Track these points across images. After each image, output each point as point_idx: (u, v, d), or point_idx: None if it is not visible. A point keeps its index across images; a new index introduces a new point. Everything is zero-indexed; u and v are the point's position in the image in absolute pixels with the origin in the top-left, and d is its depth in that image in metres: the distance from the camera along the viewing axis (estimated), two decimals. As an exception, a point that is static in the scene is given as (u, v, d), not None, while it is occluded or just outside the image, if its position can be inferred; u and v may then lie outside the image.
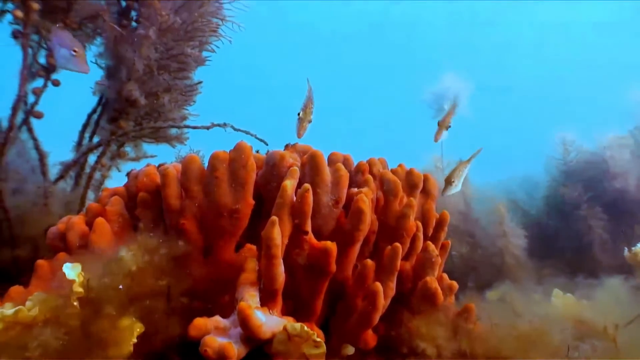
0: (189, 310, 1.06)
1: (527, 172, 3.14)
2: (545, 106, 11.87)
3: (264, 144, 1.70)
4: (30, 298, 0.92)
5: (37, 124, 1.78)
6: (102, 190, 1.35)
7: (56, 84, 1.77)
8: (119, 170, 2.04)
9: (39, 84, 1.75)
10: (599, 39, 12.59)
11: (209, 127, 1.74)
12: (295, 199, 1.09)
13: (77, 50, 1.40)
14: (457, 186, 1.43)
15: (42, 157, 1.79)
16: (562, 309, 1.45)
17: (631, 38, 11.18)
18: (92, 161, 1.93)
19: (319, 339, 0.95)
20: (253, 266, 1.05)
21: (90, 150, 1.86)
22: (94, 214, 1.21)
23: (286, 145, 1.41)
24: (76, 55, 1.40)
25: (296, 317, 1.07)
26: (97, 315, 0.93)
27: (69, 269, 0.94)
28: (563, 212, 2.72)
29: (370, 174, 1.32)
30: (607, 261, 2.48)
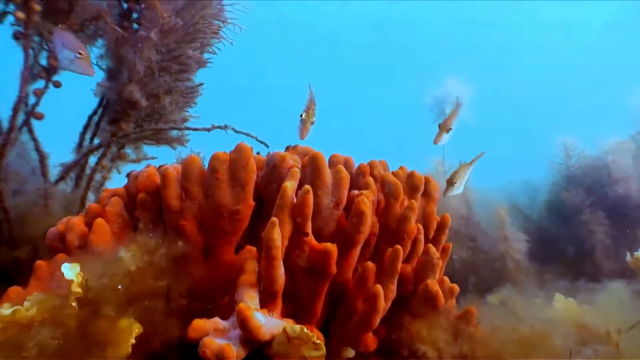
0: (188, 311, 1.05)
1: (529, 177, 3.13)
2: (547, 109, 11.86)
3: (265, 146, 1.70)
4: (29, 298, 0.92)
5: (37, 125, 1.78)
6: (102, 192, 1.35)
7: (57, 85, 1.77)
8: (119, 172, 2.04)
9: (40, 85, 1.75)
10: (601, 41, 12.58)
11: (209, 129, 1.74)
12: (296, 201, 1.08)
13: (82, 53, 1.40)
14: (459, 188, 1.43)
15: (42, 159, 1.79)
16: (564, 313, 1.44)
17: (634, 40, 11.09)
18: (93, 163, 1.93)
19: (318, 341, 0.95)
20: (253, 267, 1.05)
21: (90, 152, 1.85)
22: (93, 215, 1.20)
23: (287, 146, 1.40)
24: (81, 57, 1.40)
25: (296, 319, 1.06)
26: (96, 316, 0.92)
27: (68, 269, 0.93)
28: (564, 216, 2.71)
29: (372, 176, 1.32)
30: (609, 266, 2.47)
